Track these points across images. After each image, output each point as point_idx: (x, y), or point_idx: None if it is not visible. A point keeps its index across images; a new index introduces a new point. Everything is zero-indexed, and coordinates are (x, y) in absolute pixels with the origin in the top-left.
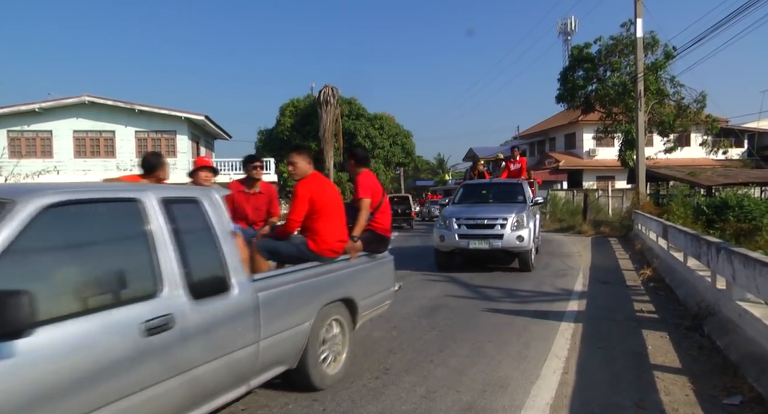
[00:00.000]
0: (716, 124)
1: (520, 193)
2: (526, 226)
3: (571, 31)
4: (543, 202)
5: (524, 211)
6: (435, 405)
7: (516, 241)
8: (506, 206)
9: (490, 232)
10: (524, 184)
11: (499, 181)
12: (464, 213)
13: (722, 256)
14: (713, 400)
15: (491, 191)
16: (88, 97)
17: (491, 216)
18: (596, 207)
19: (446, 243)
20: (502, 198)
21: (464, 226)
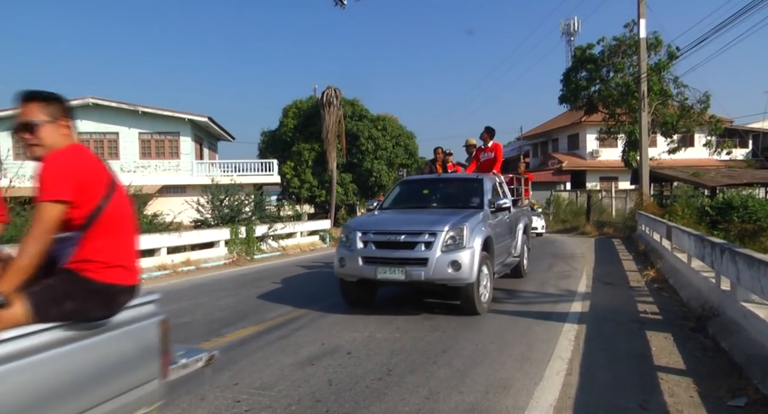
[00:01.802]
0: (720, 125)
1: (477, 194)
2: (467, 245)
3: (574, 32)
4: (525, 205)
5: (472, 222)
6: (438, 406)
7: (448, 269)
8: (447, 214)
9: (407, 254)
10: (488, 180)
11: (451, 177)
12: (376, 224)
13: (726, 256)
14: (718, 402)
15: (438, 191)
16: (93, 100)
17: (412, 229)
18: (599, 208)
19: (347, 269)
20: (453, 201)
21: (371, 244)
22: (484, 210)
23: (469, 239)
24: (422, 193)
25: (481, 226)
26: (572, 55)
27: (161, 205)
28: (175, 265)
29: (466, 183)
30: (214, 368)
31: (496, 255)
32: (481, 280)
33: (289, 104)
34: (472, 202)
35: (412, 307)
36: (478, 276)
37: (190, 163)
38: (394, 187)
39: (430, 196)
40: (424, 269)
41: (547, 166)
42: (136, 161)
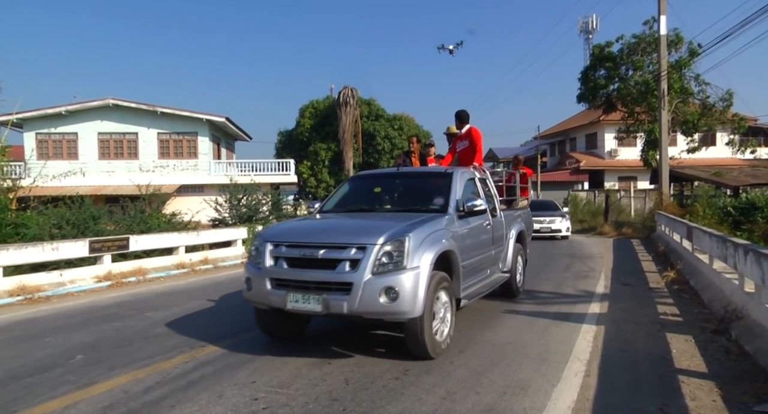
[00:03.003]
0: (743, 123)
1: (442, 193)
2: (409, 263)
3: (593, 30)
4: (522, 206)
5: (421, 230)
6: (455, 406)
7: (381, 298)
8: (392, 219)
9: (326, 275)
10: (461, 175)
11: (412, 172)
12: (294, 232)
13: (750, 258)
14: (742, 407)
15: (393, 190)
16: (113, 100)
17: (334, 240)
18: (618, 208)
19: (254, 294)
20: (411, 201)
21: (283, 260)
22: (449, 214)
23: (413, 255)
24: (373, 192)
25: (436, 236)
26: (590, 54)
27: (179, 205)
28: (193, 264)
29: (431, 179)
30: (231, 366)
31: (468, 273)
32: (435, 311)
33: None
34: (434, 204)
35: None
36: (427, 307)
37: (207, 162)
38: (342, 183)
39: (382, 195)
40: (347, 298)
41: (564, 165)
42: (154, 161)
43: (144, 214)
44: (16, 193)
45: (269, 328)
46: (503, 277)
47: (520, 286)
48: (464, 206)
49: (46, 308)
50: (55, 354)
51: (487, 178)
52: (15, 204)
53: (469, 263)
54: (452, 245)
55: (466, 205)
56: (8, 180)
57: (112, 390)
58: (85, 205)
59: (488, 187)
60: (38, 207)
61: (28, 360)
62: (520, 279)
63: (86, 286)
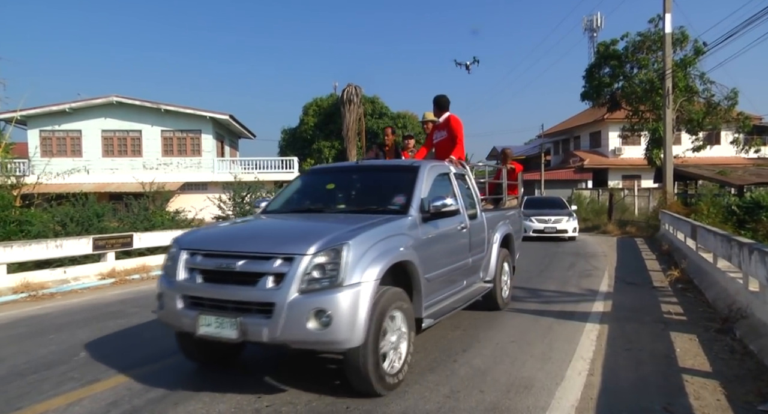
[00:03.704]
0: (748, 122)
1: (404, 191)
2: (347, 279)
3: (597, 28)
4: (511, 206)
5: (367, 236)
6: (459, 404)
7: (309, 322)
8: (337, 221)
9: (243, 293)
10: (430, 170)
11: (372, 166)
12: (215, 237)
13: (755, 257)
14: (747, 406)
15: (349, 186)
16: (116, 98)
17: (256, 249)
18: (622, 207)
19: (165, 313)
20: (367, 201)
21: (198, 272)
22: (410, 216)
23: (352, 268)
24: (326, 190)
25: (389, 243)
26: (595, 52)
27: (183, 202)
28: None
29: (393, 174)
30: (242, 360)
31: (436, 286)
32: (384, 339)
33: (310, 102)
34: (393, 204)
35: None
36: (371, 333)
37: (211, 160)
38: (294, 179)
39: (336, 193)
40: (268, 323)
41: (568, 163)
42: (158, 158)
43: (148, 212)
44: (20, 191)
45: (189, 353)
46: (484, 288)
47: (506, 298)
48: (430, 206)
49: (50, 305)
50: (59, 351)
51: (466, 174)
52: (19, 201)
53: (437, 275)
54: (411, 254)
55: (432, 205)
56: (12, 177)
57: (116, 387)
58: (89, 203)
59: (468, 185)
60: (42, 204)
61: (32, 357)
62: (507, 289)
63: (90, 283)
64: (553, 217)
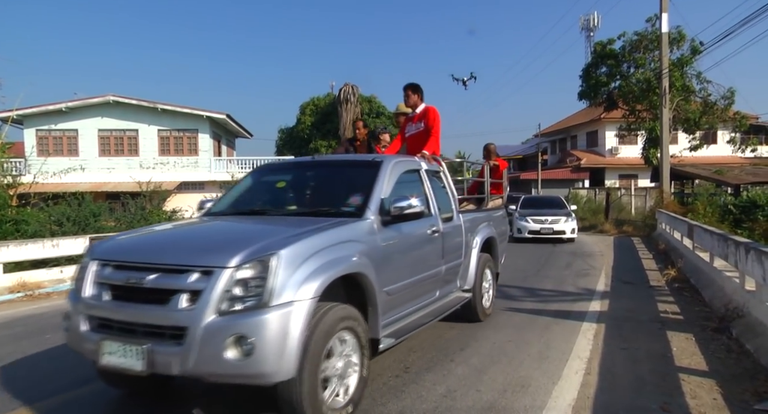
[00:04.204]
0: (745, 121)
1: (362, 190)
2: (276, 298)
3: (594, 28)
4: (494, 206)
5: (305, 244)
6: (455, 404)
7: (226, 352)
8: (280, 227)
9: (153, 314)
10: (394, 166)
11: (329, 161)
12: (128, 247)
13: (751, 256)
14: (743, 405)
15: (303, 185)
16: (113, 97)
17: (171, 262)
18: (619, 206)
19: (70, 336)
20: (321, 201)
21: (107, 288)
22: (366, 219)
23: (283, 284)
24: (275, 189)
25: (334, 252)
26: (592, 51)
27: (180, 202)
28: None
29: (351, 170)
30: None
31: (399, 300)
32: (325, 367)
33: (307, 101)
34: (348, 205)
35: None
36: (308, 362)
37: (208, 159)
38: (245, 176)
39: (286, 192)
40: (180, 351)
41: (565, 163)
42: (155, 158)
43: (144, 211)
44: (17, 190)
45: (111, 381)
46: (462, 298)
47: (488, 307)
48: (392, 208)
49: (47, 305)
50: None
51: (441, 172)
52: (15, 201)
53: (400, 287)
54: (365, 264)
55: (394, 206)
56: (8, 176)
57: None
58: (86, 202)
59: (443, 183)
60: (38, 204)
61: (28, 356)
62: (489, 299)
63: None
64: (550, 217)
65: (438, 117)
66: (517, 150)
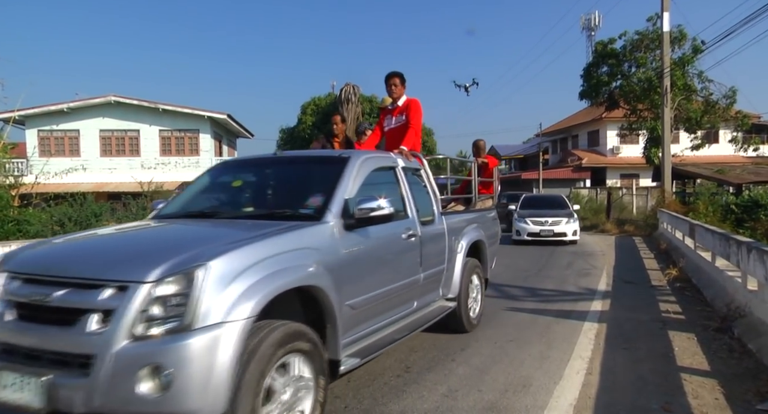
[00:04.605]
0: (747, 120)
1: (323, 190)
2: (200, 320)
3: (595, 27)
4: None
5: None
6: (457, 404)
7: (141, 385)
8: (222, 231)
9: (56, 338)
10: (364, 162)
11: (290, 158)
12: (42, 256)
13: (753, 256)
14: (745, 405)
15: (263, 184)
16: (114, 97)
17: (80, 275)
18: (620, 205)
19: None
20: (278, 202)
21: (12, 305)
22: (325, 223)
23: (211, 302)
24: (231, 188)
25: (283, 261)
26: (593, 51)
27: None
28: None
29: (314, 167)
30: None
31: (366, 314)
32: (270, 400)
33: (308, 101)
34: (307, 206)
35: None
36: (243, 397)
37: (209, 160)
38: (202, 174)
39: (242, 192)
40: (85, 384)
41: (566, 162)
42: (156, 158)
43: (146, 211)
44: (18, 190)
45: None
46: (445, 307)
47: (476, 317)
48: (356, 210)
49: None
50: None
51: (421, 170)
52: (17, 201)
53: (367, 299)
54: (321, 275)
55: (358, 207)
56: (11, 177)
57: None
58: (87, 202)
59: (424, 182)
60: (40, 204)
61: None
62: (477, 307)
63: None
64: (551, 218)
65: (420, 110)
66: (518, 149)
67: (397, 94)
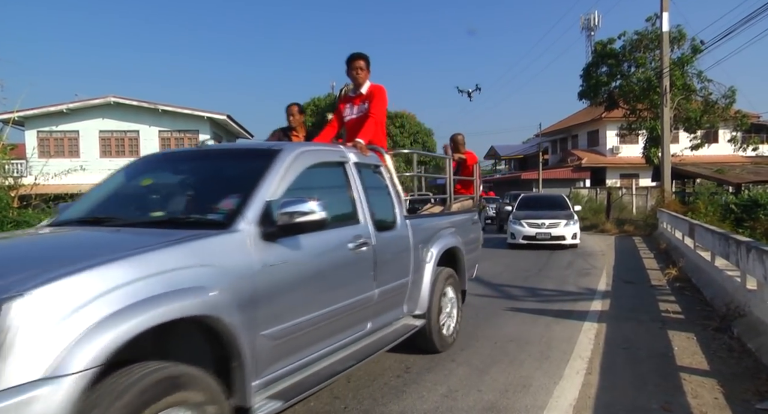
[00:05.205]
0: (746, 120)
1: (241, 189)
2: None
3: (595, 27)
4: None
5: (102, 275)
6: (456, 404)
7: None
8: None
9: None
10: (299, 156)
11: (210, 150)
12: None
13: (753, 255)
14: (744, 405)
15: (178, 182)
16: (114, 98)
17: None
18: (620, 205)
19: None
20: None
21: None
22: (236, 231)
23: (27, 352)
24: (139, 188)
25: (157, 284)
26: (592, 51)
27: None
28: None
29: (238, 163)
30: None
31: (295, 345)
32: None
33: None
34: (217, 211)
35: None
36: None
37: None
38: (116, 171)
39: (149, 193)
40: None
41: (566, 162)
42: None
43: None
44: (18, 192)
45: None
46: (410, 326)
47: (451, 334)
48: (278, 215)
49: None
50: None
51: (381, 166)
52: (17, 202)
53: (295, 326)
54: (221, 301)
55: (280, 212)
56: (10, 178)
57: None
58: None
59: (383, 181)
60: (40, 205)
61: None
62: (452, 324)
63: None
64: (548, 220)
65: (385, 99)
66: (518, 150)
67: (362, 80)
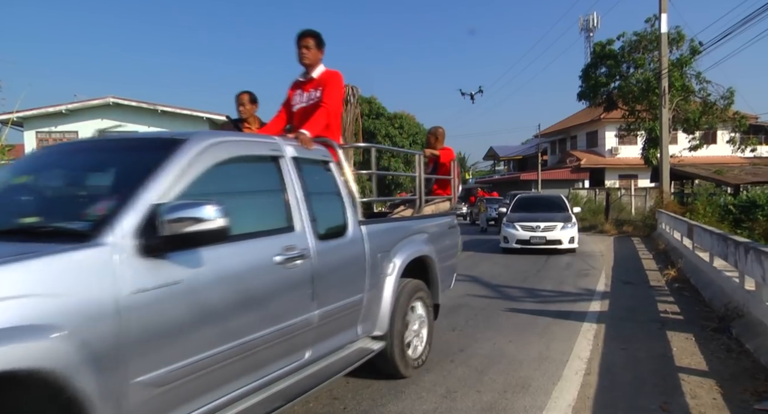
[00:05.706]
0: (744, 121)
1: (120, 192)
2: None
3: (594, 28)
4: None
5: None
6: (455, 405)
7: None
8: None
9: None
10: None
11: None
12: None
13: (751, 256)
14: (743, 405)
15: (53, 183)
16: (113, 99)
17: None
18: (619, 206)
19: None
20: (58, 208)
21: None
22: (95, 246)
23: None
24: (12, 187)
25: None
26: (591, 51)
27: None
28: None
29: (130, 156)
30: None
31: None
32: None
33: None
34: (85, 217)
35: None
36: None
37: None
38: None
39: (21, 194)
40: None
41: (565, 163)
42: None
43: None
44: None
45: None
46: (366, 350)
47: (419, 356)
48: (164, 222)
49: None
50: None
51: (331, 163)
52: None
53: (188, 366)
54: (64, 345)
55: (166, 218)
56: None
57: None
58: None
59: (333, 180)
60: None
61: None
62: (420, 345)
63: None
64: (543, 223)
65: (341, 86)
66: (517, 150)
67: (311, 61)
